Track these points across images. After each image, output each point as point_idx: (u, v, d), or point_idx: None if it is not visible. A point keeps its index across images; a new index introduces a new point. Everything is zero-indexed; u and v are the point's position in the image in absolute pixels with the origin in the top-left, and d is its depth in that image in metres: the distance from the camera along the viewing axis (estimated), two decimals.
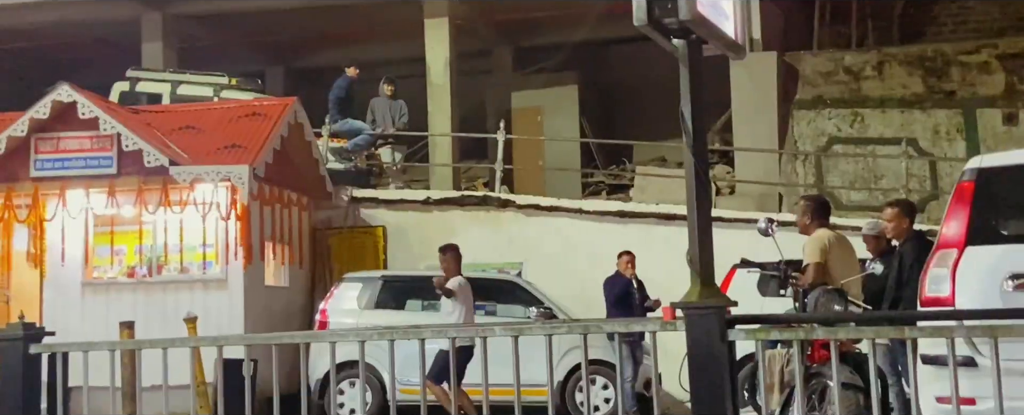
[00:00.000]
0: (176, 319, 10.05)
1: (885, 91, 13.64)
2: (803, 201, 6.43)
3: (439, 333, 4.86)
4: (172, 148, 10.95)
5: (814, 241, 6.16)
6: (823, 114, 13.72)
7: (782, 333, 4.56)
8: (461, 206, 12.72)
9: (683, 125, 4.61)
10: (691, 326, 4.43)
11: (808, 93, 13.88)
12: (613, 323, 4.77)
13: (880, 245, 7.40)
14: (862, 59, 13.81)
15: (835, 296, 5.79)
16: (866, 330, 4.66)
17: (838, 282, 5.96)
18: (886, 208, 6.87)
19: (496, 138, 13.52)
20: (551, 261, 12.14)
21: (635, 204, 12.83)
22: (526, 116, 16.30)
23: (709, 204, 4.58)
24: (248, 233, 10.76)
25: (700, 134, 4.59)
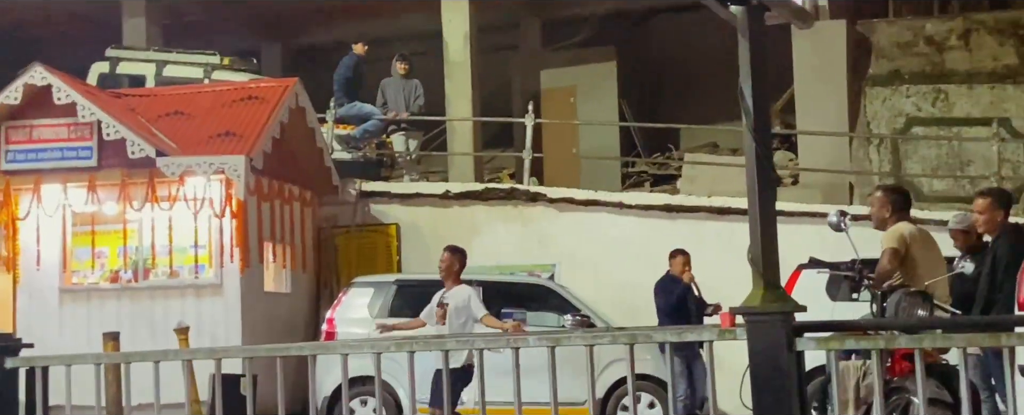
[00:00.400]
0: (165, 329, 10.14)
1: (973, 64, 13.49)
2: (880, 192, 6.39)
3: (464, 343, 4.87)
4: (159, 137, 11.03)
5: (893, 232, 6.13)
6: (900, 91, 13.60)
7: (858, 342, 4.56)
8: (484, 200, 12.74)
9: (743, 105, 4.60)
10: (753, 335, 4.43)
11: (883, 67, 13.76)
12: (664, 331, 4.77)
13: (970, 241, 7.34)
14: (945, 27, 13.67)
15: (919, 299, 5.75)
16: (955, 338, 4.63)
17: (922, 283, 5.93)
18: (976, 199, 6.82)
19: (524, 123, 13.52)
20: (588, 262, 12.14)
21: (683, 197, 12.80)
22: (557, 97, 16.28)
23: (773, 195, 4.58)
24: (245, 232, 10.84)
25: (762, 115, 4.59)
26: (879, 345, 4.47)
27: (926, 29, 13.68)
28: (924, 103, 13.49)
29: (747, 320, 4.46)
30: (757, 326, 4.40)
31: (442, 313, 8.06)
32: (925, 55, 13.57)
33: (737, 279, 10.43)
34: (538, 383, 4.97)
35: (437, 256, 12.63)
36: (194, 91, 12.29)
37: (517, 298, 10.73)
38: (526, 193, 12.68)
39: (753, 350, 4.46)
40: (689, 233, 12.12)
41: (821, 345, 4.45)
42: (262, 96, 11.68)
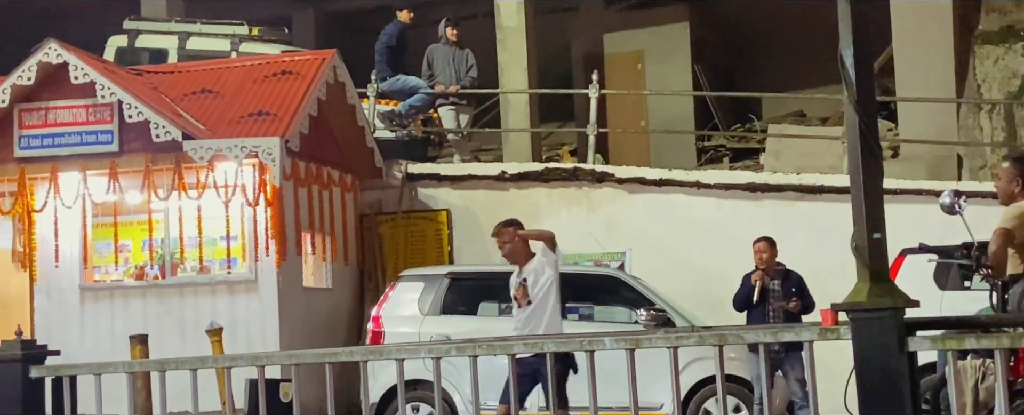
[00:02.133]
0: (196, 330, 10.30)
1: None
2: (1009, 163, 6.28)
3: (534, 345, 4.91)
4: (185, 118, 11.16)
5: (1013, 210, 6.05)
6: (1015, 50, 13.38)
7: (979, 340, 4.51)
8: (545, 182, 12.76)
9: (844, 75, 4.56)
10: (860, 333, 4.41)
11: (994, 23, 13.53)
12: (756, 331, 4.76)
13: None
14: None
15: None
16: None
17: None
18: None
19: (586, 94, 13.50)
20: (662, 249, 12.12)
21: (768, 174, 12.71)
22: (623, 64, 16.22)
23: (879, 174, 4.54)
24: (281, 222, 10.94)
25: (866, 86, 4.54)
26: (1003, 344, 4.42)
27: None
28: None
29: (852, 318, 4.44)
30: (864, 324, 4.38)
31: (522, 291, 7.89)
32: None
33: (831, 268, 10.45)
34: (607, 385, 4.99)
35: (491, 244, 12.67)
36: (222, 66, 12.38)
37: (584, 291, 10.72)
38: (591, 173, 12.68)
39: (860, 351, 4.44)
40: (776, 215, 12.08)
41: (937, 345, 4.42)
42: (297, 70, 11.75)
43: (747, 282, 9.58)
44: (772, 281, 9.55)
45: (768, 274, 9.53)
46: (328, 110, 11.89)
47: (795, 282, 9.62)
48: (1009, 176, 6.16)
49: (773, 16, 16.68)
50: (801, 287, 9.60)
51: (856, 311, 4.43)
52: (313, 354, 5.75)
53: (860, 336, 4.43)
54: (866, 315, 4.41)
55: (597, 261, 11.97)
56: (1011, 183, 6.14)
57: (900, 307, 4.42)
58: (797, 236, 11.90)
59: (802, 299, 9.48)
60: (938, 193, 11.27)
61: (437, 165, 13.57)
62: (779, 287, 9.54)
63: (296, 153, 11.08)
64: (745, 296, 9.50)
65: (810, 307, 9.56)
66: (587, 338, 4.93)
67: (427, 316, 10.67)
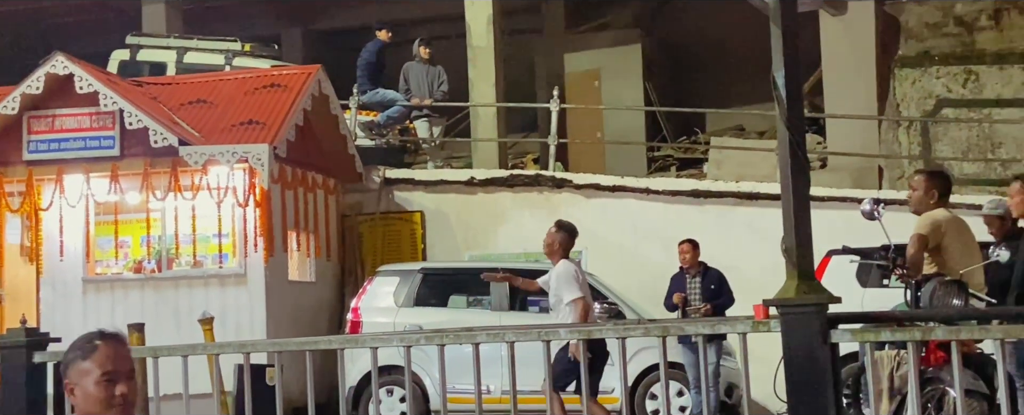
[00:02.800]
0: (189, 320, 10.23)
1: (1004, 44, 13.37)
2: (920, 176, 6.35)
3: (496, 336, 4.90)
4: (181, 126, 11.10)
5: (926, 218, 6.11)
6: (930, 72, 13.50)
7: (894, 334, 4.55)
8: (510, 187, 12.76)
9: (776, 95, 4.59)
10: (788, 327, 4.44)
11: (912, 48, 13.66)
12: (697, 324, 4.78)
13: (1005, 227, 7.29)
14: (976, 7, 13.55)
15: (954, 288, 5.74)
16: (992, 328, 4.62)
17: (957, 272, 5.91)
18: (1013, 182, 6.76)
19: (549, 108, 13.52)
20: (615, 249, 12.15)
21: (711, 182, 12.77)
22: (582, 81, 16.27)
23: (807, 185, 4.57)
24: (269, 221, 10.90)
25: (796, 104, 4.57)
26: (915, 337, 4.46)
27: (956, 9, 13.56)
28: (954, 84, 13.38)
29: (782, 312, 4.46)
30: (792, 318, 4.41)
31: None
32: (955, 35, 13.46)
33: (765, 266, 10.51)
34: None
35: (463, 243, 12.86)
36: (216, 79, 12.31)
37: None
38: (552, 179, 12.69)
39: (788, 342, 4.47)
40: (717, 218, 12.13)
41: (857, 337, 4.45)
42: (285, 84, 11.71)
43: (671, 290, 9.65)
44: (693, 280, 9.63)
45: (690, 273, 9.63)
46: (313, 120, 11.85)
47: (714, 279, 9.72)
48: (925, 187, 6.22)
49: (716, 40, 16.79)
50: (720, 284, 9.72)
51: (785, 306, 4.46)
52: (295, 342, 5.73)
53: (789, 329, 4.46)
54: (794, 310, 4.44)
55: None
56: (927, 195, 6.20)
57: (824, 303, 4.45)
58: (736, 237, 11.99)
59: (719, 295, 9.62)
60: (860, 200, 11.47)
61: (412, 171, 13.54)
62: (698, 289, 9.63)
63: (283, 158, 11.04)
64: (671, 307, 9.64)
65: (728, 303, 9.66)
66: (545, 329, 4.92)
67: (401, 308, 10.66)
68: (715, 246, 11.88)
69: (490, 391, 9.35)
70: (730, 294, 9.67)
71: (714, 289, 9.64)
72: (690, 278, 9.63)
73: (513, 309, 10.49)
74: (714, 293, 9.62)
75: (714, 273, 9.72)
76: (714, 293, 9.62)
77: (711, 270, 9.73)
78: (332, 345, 5.37)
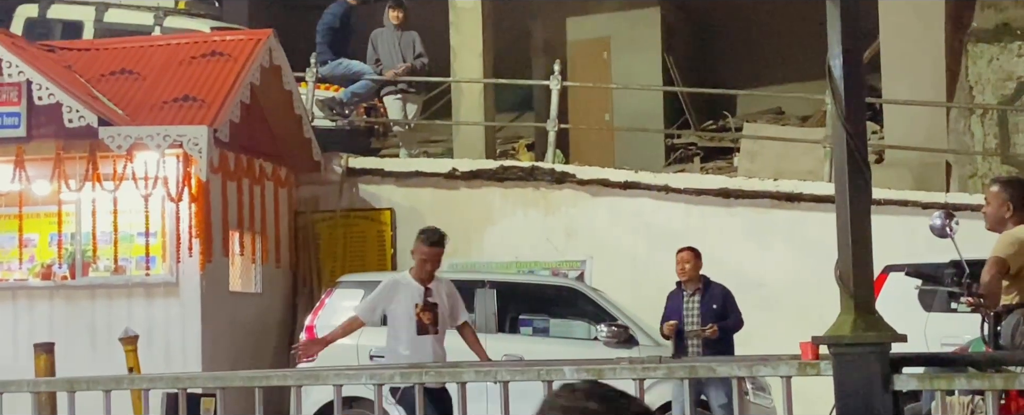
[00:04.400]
0: (109, 337, 10.22)
1: None
2: (996, 186, 6.35)
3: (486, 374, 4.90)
4: (102, 102, 11.05)
5: (1007, 237, 6.12)
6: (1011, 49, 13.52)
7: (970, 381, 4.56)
8: (499, 181, 12.76)
9: (832, 86, 4.58)
10: (842, 370, 4.44)
11: (989, 20, 13.68)
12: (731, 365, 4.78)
13: None
14: None
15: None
16: None
17: None
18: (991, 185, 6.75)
19: (547, 85, 13.50)
20: (626, 258, 12.16)
21: (742, 179, 12.78)
22: (588, 53, 16.24)
23: (868, 198, 4.57)
24: (207, 219, 10.88)
25: (856, 99, 4.56)
26: (995, 385, 4.48)
27: None
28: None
29: (834, 352, 4.47)
30: (846, 360, 4.41)
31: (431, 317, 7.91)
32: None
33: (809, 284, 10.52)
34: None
35: None
36: (144, 44, 12.29)
37: (539, 303, 10.74)
38: (551, 172, 12.69)
39: (842, 388, 4.47)
40: (750, 224, 12.16)
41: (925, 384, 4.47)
42: (228, 52, 11.68)
43: (667, 312, 9.63)
44: (691, 297, 9.58)
45: (688, 290, 9.60)
46: (262, 96, 11.83)
47: (717, 297, 9.61)
48: (999, 200, 6.23)
49: (752, 3, 16.77)
50: (724, 303, 9.60)
51: (838, 346, 4.46)
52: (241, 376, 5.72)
53: (843, 372, 4.46)
54: (849, 350, 4.44)
55: (554, 270, 11.99)
56: (1001, 207, 6.21)
57: (886, 342, 4.46)
58: (773, 247, 12.01)
59: (724, 316, 9.51)
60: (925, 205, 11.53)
61: (381, 159, 13.52)
62: (697, 308, 9.57)
63: (225, 143, 11.01)
64: (672, 310, 9.58)
65: (736, 325, 9.62)
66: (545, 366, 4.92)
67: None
68: (747, 258, 11.92)
69: None
70: (738, 314, 9.64)
71: (717, 309, 9.57)
72: (688, 296, 9.60)
73: (503, 331, 10.49)
74: (717, 314, 9.56)
75: (717, 289, 9.65)
76: (717, 314, 9.56)
77: (714, 285, 9.66)
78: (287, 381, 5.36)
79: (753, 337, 10.92)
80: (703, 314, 9.53)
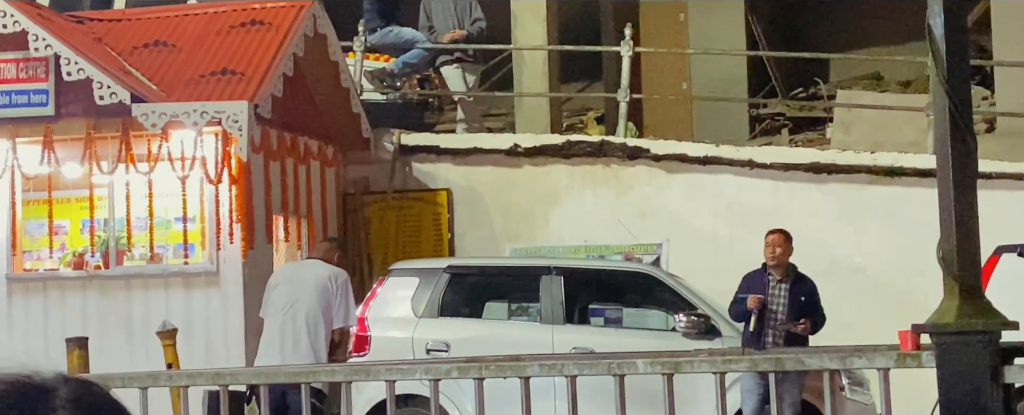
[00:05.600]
0: (145, 331, 10.37)
1: None
2: None
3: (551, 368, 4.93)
4: (135, 76, 11.18)
5: None
6: None
7: None
8: (565, 157, 12.78)
9: (932, 48, 4.55)
10: (946, 361, 4.43)
11: None
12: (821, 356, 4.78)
13: None
14: None
15: None
16: None
17: None
18: None
19: (618, 52, 13.48)
20: (706, 241, 12.14)
21: (835, 152, 12.71)
22: (662, 16, 16.18)
23: (974, 172, 4.54)
24: (248, 202, 10.97)
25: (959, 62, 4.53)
26: None
27: None
28: None
29: (937, 342, 4.45)
30: (951, 350, 4.40)
31: None
32: None
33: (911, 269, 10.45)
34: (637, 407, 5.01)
35: (503, 232, 12.88)
36: (180, 13, 12.40)
37: (612, 290, 10.75)
38: (622, 147, 12.69)
39: (945, 381, 4.46)
40: (844, 201, 12.10)
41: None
42: (269, 20, 11.76)
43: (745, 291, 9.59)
44: (779, 285, 9.55)
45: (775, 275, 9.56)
46: (306, 68, 11.91)
47: (808, 290, 9.63)
48: None
49: None
50: (813, 299, 9.62)
51: (942, 335, 4.44)
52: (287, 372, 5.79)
53: (947, 364, 4.45)
54: (954, 339, 4.42)
55: (627, 254, 11.97)
56: None
57: (995, 330, 4.43)
58: (869, 227, 11.94)
59: (813, 310, 9.53)
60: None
61: (436, 136, 13.57)
62: (785, 297, 9.54)
63: (267, 120, 11.11)
64: (740, 313, 9.54)
65: (820, 325, 9.60)
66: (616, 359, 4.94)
67: (422, 318, 10.68)
68: (841, 241, 11.86)
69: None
70: (823, 312, 9.64)
71: (805, 302, 9.58)
72: (775, 282, 9.58)
73: (571, 321, 10.50)
74: (805, 308, 9.55)
75: (808, 282, 9.69)
76: (805, 308, 9.55)
77: (804, 277, 9.68)
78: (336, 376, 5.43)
79: (850, 328, 10.88)
80: (790, 305, 9.51)
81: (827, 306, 11.30)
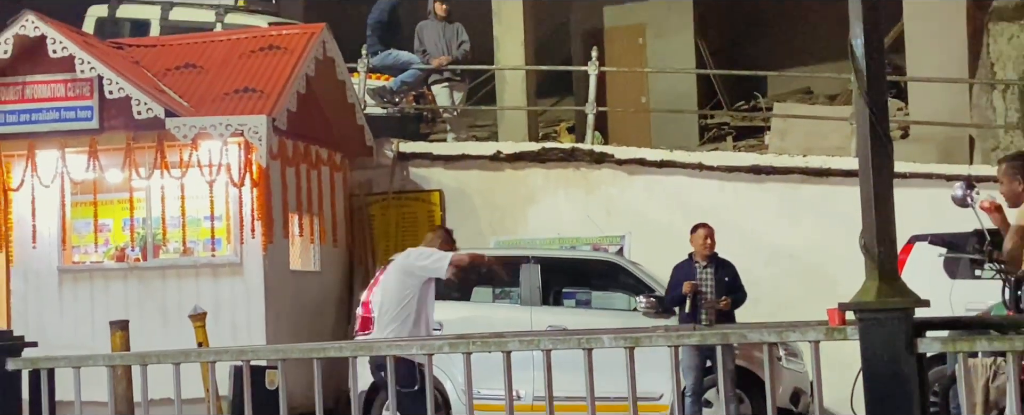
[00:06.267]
0: (179, 314, 10.30)
1: None
2: (1003, 165, 6.30)
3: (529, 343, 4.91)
4: (168, 94, 11.15)
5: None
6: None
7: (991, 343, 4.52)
8: (541, 162, 12.75)
9: (854, 64, 4.53)
10: (868, 334, 4.41)
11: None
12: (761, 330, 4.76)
13: None
14: None
15: None
16: None
17: None
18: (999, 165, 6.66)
19: (586, 70, 13.46)
20: (663, 233, 12.10)
21: (773, 156, 12.70)
22: (624, 39, 16.17)
23: (890, 171, 4.53)
24: (267, 203, 10.95)
25: (877, 76, 4.52)
26: (1016, 347, 4.43)
27: None
28: None
29: (860, 318, 4.44)
30: (872, 325, 4.39)
31: None
32: None
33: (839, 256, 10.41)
34: (603, 375, 5.01)
35: (489, 227, 12.84)
36: (206, 40, 12.36)
37: (581, 277, 10.75)
38: (590, 153, 12.66)
39: (867, 352, 4.45)
40: (781, 198, 12.09)
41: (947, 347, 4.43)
42: (284, 45, 11.73)
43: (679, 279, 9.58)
44: (705, 270, 9.57)
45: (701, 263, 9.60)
46: (317, 86, 11.87)
47: (730, 271, 9.69)
48: (1009, 177, 6.17)
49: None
50: (735, 278, 9.69)
51: (864, 311, 4.43)
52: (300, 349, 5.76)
53: (868, 337, 4.43)
54: (874, 315, 4.41)
55: (595, 245, 11.97)
56: (1013, 183, 6.15)
57: (910, 307, 4.42)
58: (803, 221, 11.93)
59: (734, 293, 9.58)
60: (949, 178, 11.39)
61: (430, 144, 13.54)
62: (712, 280, 9.57)
63: (283, 131, 11.07)
64: (679, 297, 9.53)
65: (743, 298, 9.65)
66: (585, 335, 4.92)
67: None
68: (779, 231, 11.86)
69: (520, 398, 9.38)
70: (744, 289, 9.70)
71: (729, 282, 9.64)
72: (701, 268, 9.61)
73: (547, 303, 10.50)
74: (731, 287, 9.61)
75: (730, 265, 9.72)
76: (731, 287, 9.61)
77: (725, 261, 9.72)
78: (343, 352, 5.40)
79: (784, 306, 10.89)
80: (718, 286, 9.54)
81: (766, 288, 11.38)
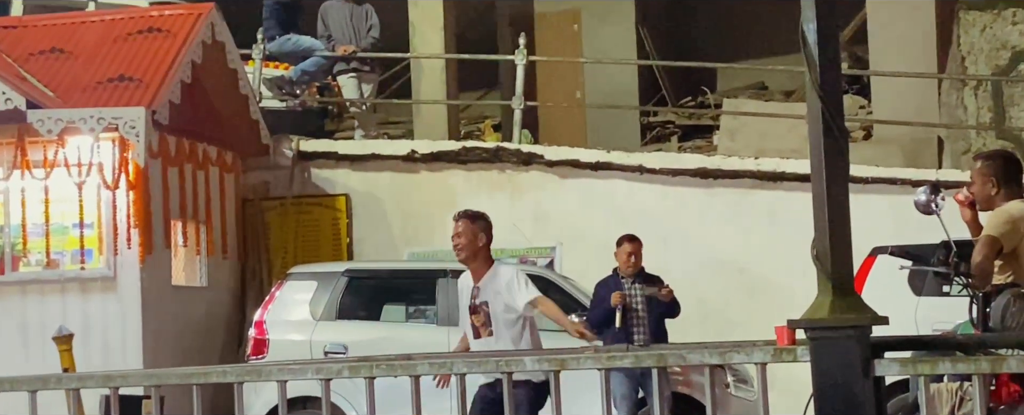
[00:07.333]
0: (42, 337, 10.15)
1: None
2: (980, 162, 6.39)
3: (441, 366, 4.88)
4: (30, 82, 10.99)
5: (1000, 214, 6.15)
6: (1004, 17, 13.59)
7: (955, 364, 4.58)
8: (462, 163, 12.75)
9: (805, 52, 4.58)
10: (820, 355, 4.45)
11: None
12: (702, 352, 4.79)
13: None
14: None
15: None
16: None
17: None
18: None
19: (513, 60, 13.49)
20: (598, 244, 12.11)
21: (722, 158, 12.82)
22: (557, 25, 16.24)
23: (845, 172, 4.57)
24: (146, 208, 10.83)
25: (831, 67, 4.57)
26: (982, 368, 4.49)
27: None
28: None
29: (811, 336, 4.47)
30: (824, 345, 4.42)
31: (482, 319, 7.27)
32: None
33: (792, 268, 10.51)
34: None
35: (401, 237, 12.82)
36: (76, 20, 12.23)
37: None
38: (517, 153, 12.69)
39: (819, 375, 4.48)
40: (730, 205, 12.19)
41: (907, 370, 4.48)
42: (166, 27, 11.63)
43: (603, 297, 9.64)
44: (633, 285, 9.66)
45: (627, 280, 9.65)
46: (204, 75, 11.77)
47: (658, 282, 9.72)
48: (983, 177, 6.26)
49: None
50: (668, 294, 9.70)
51: (816, 329, 4.46)
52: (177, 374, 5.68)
53: (820, 358, 4.47)
54: (826, 334, 4.44)
55: (522, 257, 12.01)
56: (986, 184, 6.24)
57: (866, 325, 4.47)
58: (755, 229, 12.04)
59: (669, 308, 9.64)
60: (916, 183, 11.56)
61: (335, 142, 13.50)
62: (641, 296, 9.63)
63: (165, 126, 10.97)
64: (604, 315, 9.56)
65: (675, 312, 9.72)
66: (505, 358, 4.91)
67: (320, 321, 10.67)
68: (727, 241, 11.96)
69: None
70: (677, 303, 9.74)
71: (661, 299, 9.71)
72: (629, 284, 9.68)
73: None
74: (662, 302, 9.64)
75: (658, 279, 9.79)
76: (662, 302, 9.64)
77: (651, 276, 9.81)
78: (227, 377, 5.33)
79: (734, 325, 10.99)
80: (647, 303, 9.59)
81: (714, 305, 11.47)
